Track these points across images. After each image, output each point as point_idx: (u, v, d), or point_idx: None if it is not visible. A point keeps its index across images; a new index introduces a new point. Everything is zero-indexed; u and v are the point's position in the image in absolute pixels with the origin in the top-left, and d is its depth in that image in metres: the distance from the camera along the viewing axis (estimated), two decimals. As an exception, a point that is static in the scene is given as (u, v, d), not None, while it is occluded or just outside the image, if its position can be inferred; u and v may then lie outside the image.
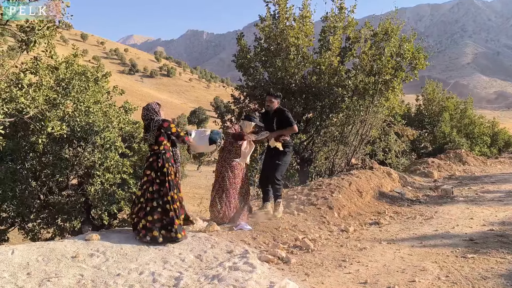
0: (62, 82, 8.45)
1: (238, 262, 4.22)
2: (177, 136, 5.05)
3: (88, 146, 8.80)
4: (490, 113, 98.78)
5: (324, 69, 10.00)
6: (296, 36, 9.99)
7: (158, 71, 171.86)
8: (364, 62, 10.20)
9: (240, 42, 10.99)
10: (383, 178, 9.81)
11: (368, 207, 7.93)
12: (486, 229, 6.11)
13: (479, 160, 17.34)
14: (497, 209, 7.62)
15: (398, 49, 10.44)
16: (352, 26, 10.73)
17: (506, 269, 4.30)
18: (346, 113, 10.70)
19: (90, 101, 8.81)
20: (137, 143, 10.14)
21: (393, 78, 10.33)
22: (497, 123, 29.37)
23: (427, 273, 4.25)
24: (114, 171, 9.07)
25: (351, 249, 5.21)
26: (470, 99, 26.88)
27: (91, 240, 4.59)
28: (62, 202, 9.06)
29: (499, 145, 27.08)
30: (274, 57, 10.34)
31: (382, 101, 10.74)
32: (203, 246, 4.70)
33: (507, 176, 13.19)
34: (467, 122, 24.70)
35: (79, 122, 8.42)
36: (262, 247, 5.05)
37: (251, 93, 10.79)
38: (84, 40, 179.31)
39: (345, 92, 10.24)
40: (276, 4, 10.40)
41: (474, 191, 9.97)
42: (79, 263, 3.99)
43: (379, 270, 4.40)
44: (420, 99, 24.30)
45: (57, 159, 8.68)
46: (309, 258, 4.80)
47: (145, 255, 4.31)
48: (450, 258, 4.74)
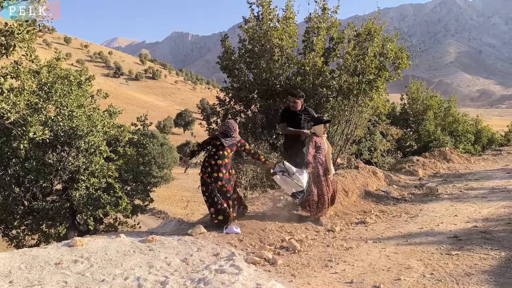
0: (44, 86, 8.35)
1: (224, 264, 4.21)
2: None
3: (72, 150, 8.71)
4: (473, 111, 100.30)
5: (309, 70, 10.03)
6: (280, 37, 10.01)
7: (143, 74, 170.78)
8: (348, 62, 10.26)
9: (225, 44, 10.98)
10: (368, 177, 9.88)
11: (354, 206, 7.98)
12: (470, 226, 6.19)
13: (463, 157, 17.56)
14: (480, 206, 7.73)
15: (381, 49, 10.52)
16: (336, 26, 10.79)
17: (489, 265, 4.36)
18: (331, 113, 10.74)
19: (73, 105, 8.72)
20: (122, 147, 10.06)
21: (376, 78, 10.41)
22: (481, 121, 29.79)
23: (412, 271, 4.29)
24: (99, 175, 8.99)
25: (337, 249, 5.23)
26: (454, 97, 27.24)
27: (75, 246, 4.54)
28: (47, 208, 8.94)
29: (482, 142, 27.46)
30: (259, 58, 10.35)
31: (367, 100, 10.81)
32: (189, 250, 4.68)
33: (490, 173, 13.38)
34: (451, 120, 25.02)
35: (62, 127, 8.32)
36: (249, 249, 5.04)
37: (236, 95, 10.77)
38: (68, 43, 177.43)
39: (329, 92, 10.29)
40: (259, 5, 10.40)
41: (458, 189, 10.10)
42: (63, 270, 3.94)
43: (365, 269, 4.42)
44: (404, 98, 24.55)
45: (41, 165, 8.58)
46: (295, 259, 4.80)
47: (130, 260, 4.27)
48: (435, 255, 4.79)
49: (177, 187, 42.62)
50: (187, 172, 10.89)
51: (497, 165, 16.20)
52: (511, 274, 4.07)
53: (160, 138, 38.49)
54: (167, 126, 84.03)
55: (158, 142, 34.79)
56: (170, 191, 40.55)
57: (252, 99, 10.61)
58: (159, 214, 33.02)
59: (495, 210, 7.30)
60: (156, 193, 18.79)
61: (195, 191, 32.58)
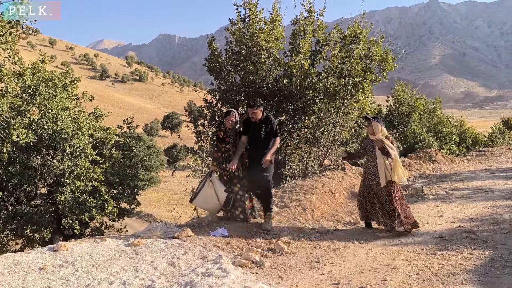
0: (28, 89, 8.23)
1: (212, 267, 4.19)
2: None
3: (57, 154, 8.60)
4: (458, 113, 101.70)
5: (295, 72, 10.08)
6: (267, 40, 10.04)
7: (130, 76, 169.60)
8: (334, 64, 10.33)
9: (211, 46, 10.97)
10: (355, 179, 9.94)
11: (341, 207, 8.02)
12: (455, 226, 6.26)
13: (448, 158, 17.77)
14: (465, 206, 7.83)
15: (367, 52, 10.63)
16: (322, 29, 10.87)
17: (474, 265, 4.42)
18: (318, 115, 10.82)
19: (58, 107, 8.61)
20: (108, 150, 9.97)
21: (362, 80, 10.51)
22: (465, 122, 30.24)
23: (398, 271, 4.32)
24: (84, 178, 8.90)
25: (325, 250, 5.24)
26: (439, 99, 27.63)
27: (59, 250, 4.47)
28: (31, 212, 8.80)
29: (467, 143, 27.84)
30: (246, 60, 10.37)
31: (353, 102, 10.91)
32: (176, 253, 4.64)
33: (474, 173, 13.57)
34: (436, 122, 25.35)
35: (46, 130, 8.21)
36: (236, 252, 5.02)
37: (224, 97, 10.78)
38: (53, 45, 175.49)
39: (316, 94, 10.35)
40: (246, 7, 10.43)
41: (443, 189, 10.22)
42: (47, 275, 3.87)
43: (352, 270, 4.44)
44: (390, 100, 24.81)
45: (25, 168, 8.45)
46: (283, 260, 4.80)
47: (116, 264, 4.23)
48: (420, 255, 4.83)
49: (164, 190, 42.36)
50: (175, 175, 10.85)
51: (481, 165, 16.45)
52: (495, 273, 4.12)
53: (147, 140, 38.16)
54: (154, 129, 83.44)
55: (145, 145, 34.50)
56: (157, 194, 40.28)
57: (239, 101, 10.62)
58: (146, 218, 32.77)
59: (479, 210, 7.40)
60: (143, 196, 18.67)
61: (183, 194, 32.46)
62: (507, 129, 32.92)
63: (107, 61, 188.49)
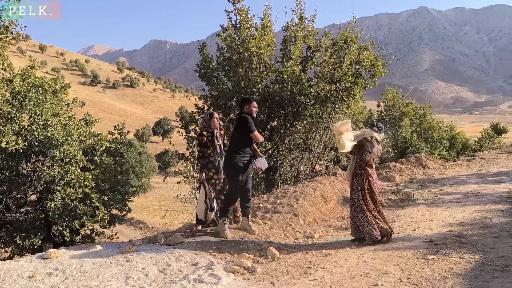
0: (18, 95, 8.17)
1: (203, 274, 4.18)
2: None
3: (47, 160, 8.53)
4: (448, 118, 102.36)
5: (287, 78, 10.12)
6: (258, 46, 10.08)
7: (121, 82, 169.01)
8: (325, 70, 10.39)
9: (203, 52, 10.99)
10: (346, 184, 9.96)
11: (333, 212, 8.04)
12: (445, 230, 6.31)
13: (438, 163, 17.91)
14: (455, 211, 7.90)
15: (357, 57, 10.71)
16: (313, 35, 10.94)
17: (464, 269, 4.45)
18: (309, 120, 10.86)
19: (48, 114, 8.55)
20: (99, 156, 9.91)
21: (353, 86, 10.58)
22: (455, 127, 30.55)
23: (390, 276, 4.34)
24: (75, 185, 8.83)
25: (316, 256, 5.25)
26: (429, 104, 27.92)
27: (49, 258, 4.43)
28: (20, 220, 8.72)
29: (457, 148, 28.11)
30: (237, 66, 10.40)
31: (344, 108, 10.98)
32: (167, 259, 4.62)
33: (464, 178, 13.69)
34: (427, 127, 25.59)
35: (36, 136, 8.15)
36: (228, 258, 5.01)
37: (215, 103, 10.78)
38: (43, 51, 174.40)
39: (307, 100, 10.39)
40: (237, 14, 10.47)
41: (434, 194, 10.29)
42: (37, 283, 3.83)
43: (344, 275, 4.45)
44: (381, 105, 25.00)
45: (14, 175, 8.37)
46: (274, 266, 4.80)
47: (106, 272, 4.20)
48: (411, 260, 4.86)
49: (156, 196, 42.16)
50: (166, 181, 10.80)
51: (471, 170, 16.59)
52: (485, 277, 4.16)
53: (138, 146, 38.04)
54: (145, 135, 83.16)
55: (136, 151, 34.38)
56: (149, 201, 40.07)
57: (231, 107, 10.63)
58: (137, 224, 32.58)
59: (469, 214, 7.47)
60: (134, 203, 18.55)
61: (174, 200, 32.30)
62: (496, 134, 33.29)
63: (98, 66, 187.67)
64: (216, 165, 5.90)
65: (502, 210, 7.61)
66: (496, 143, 32.27)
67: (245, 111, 5.73)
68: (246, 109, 5.73)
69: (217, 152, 5.93)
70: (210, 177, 5.93)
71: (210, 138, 5.94)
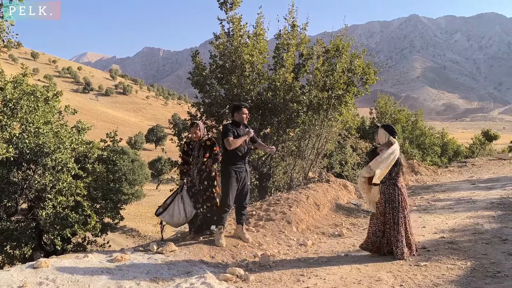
0: (9, 103, 8.12)
1: (196, 282, 4.16)
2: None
3: (39, 168, 8.46)
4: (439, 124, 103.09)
5: (279, 85, 10.17)
6: (251, 53, 10.12)
7: (114, 89, 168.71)
8: (317, 78, 10.46)
9: (196, 60, 11.01)
10: (339, 191, 10.00)
11: (326, 219, 8.05)
12: (437, 237, 6.33)
13: (430, 169, 18.04)
14: (447, 217, 7.94)
15: (349, 65, 10.79)
16: (305, 43, 11.01)
17: (456, 275, 4.47)
18: (302, 127, 10.89)
19: (39, 121, 8.50)
20: (91, 164, 9.84)
21: (345, 93, 10.65)
22: (446, 134, 30.82)
23: (382, 283, 4.34)
24: (67, 193, 8.76)
25: (309, 263, 5.25)
26: (420, 111, 28.13)
27: (40, 267, 4.38)
28: (11, 228, 8.60)
29: (448, 154, 28.32)
30: (230, 74, 10.42)
31: (336, 115, 11.03)
32: (160, 268, 4.59)
33: (456, 184, 13.78)
34: (418, 134, 25.75)
35: (28, 144, 8.08)
36: (221, 266, 5.00)
37: (208, 110, 10.78)
38: (35, 58, 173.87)
39: (300, 107, 10.44)
40: (230, 22, 10.51)
41: (426, 200, 10.35)
42: (27, 293, 3.79)
43: (336, 283, 4.45)
44: (373, 112, 25.14)
45: (5, 183, 8.29)
46: (267, 274, 4.79)
47: (98, 281, 4.16)
48: (404, 267, 4.87)
49: (149, 204, 41.88)
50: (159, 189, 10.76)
51: (463, 176, 16.72)
52: (477, 283, 4.18)
53: (131, 154, 37.82)
54: (138, 142, 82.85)
55: (129, 158, 34.18)
56: (142, 208, 39.83)
57: (224, 114, 10.64)
58: (130, 232, 32.35)
59: (461, 220, 7.51)
60: (127, 211, 18.43)
61: (167, 208, 32.00)
62: (487, 140, 33.60)
63: (90, 74, 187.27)
64: (195, 173, 5.91)
65: (493, 216, 7.66)
66: (487, 150, 32.56)
67: (235, 118, 5.77)
68: (237, 116, 5.77)
69: (196, 161, 5.93)
70: (192, 184, 5.96)
71: (191, 147, 6.03)
